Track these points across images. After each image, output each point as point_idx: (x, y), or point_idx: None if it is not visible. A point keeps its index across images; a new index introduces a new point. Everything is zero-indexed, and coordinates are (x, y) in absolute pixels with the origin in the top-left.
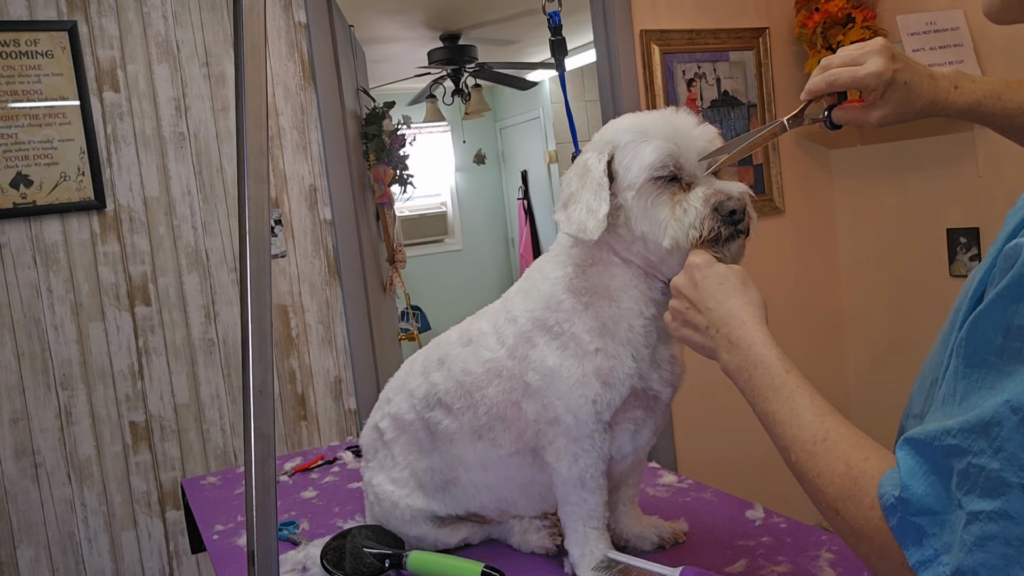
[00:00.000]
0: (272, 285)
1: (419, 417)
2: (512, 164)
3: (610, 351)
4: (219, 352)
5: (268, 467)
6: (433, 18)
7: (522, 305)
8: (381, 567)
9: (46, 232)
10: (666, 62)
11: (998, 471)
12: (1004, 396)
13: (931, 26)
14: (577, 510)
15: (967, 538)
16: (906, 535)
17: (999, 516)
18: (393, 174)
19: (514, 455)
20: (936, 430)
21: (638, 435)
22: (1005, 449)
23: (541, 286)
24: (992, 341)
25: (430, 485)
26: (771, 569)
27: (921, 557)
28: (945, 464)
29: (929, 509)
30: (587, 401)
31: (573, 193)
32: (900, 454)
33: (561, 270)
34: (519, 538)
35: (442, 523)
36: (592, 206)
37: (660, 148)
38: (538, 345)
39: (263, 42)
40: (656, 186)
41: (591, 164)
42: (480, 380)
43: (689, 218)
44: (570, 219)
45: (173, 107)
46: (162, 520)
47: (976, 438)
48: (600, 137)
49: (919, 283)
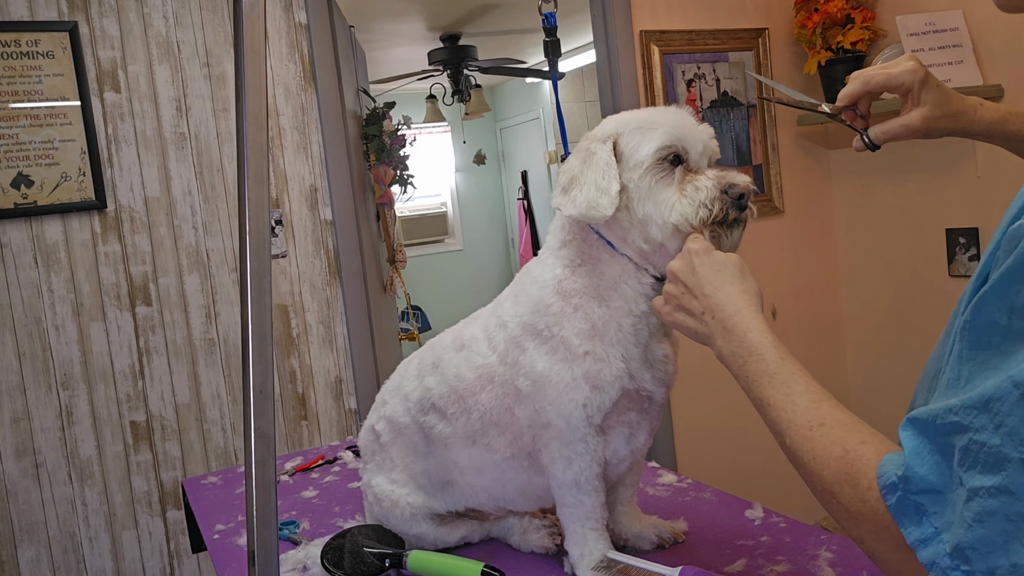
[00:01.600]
0: (273, 285)
1: (414, 421)
2: (512, 164)
3: (599, 354)
4: (220, 352)
5: (268, 467)
6: (433, 18)
7: (512, 310)
8: (381, 567)
9: (47, 232)
10: (666, 62)
11: (999, 447)
12: (1007, 373)
13: (930, 27)
14: (575, 512)
15: (967, 515)
16: (905, 514)
17: (999, 492)
18: (393, 174)
19: (509, 460)
20: (939, 409)
21: (634, 438)
22: (1006, 424)
23: (530, 290)
24: (997, 322)
25: (428, 486)
26: (770, 569)
27: (920, 535)
28: (947, 442)
29: (931, 487)
30: (577, 405)
31: (575, 176)
32: (904, 435)
33: (550, 272)
34: (519, 538)
35: (441, 521)
36: (602, 184)
37: (668, 132)
38: (528, 350)
39: (263, 42)
40: (663, 167)
41: (595, 148)
42: (473, 386)
43: (700, 196)
44: (575, 201)
45: (174, 107)
46: (163, 520)
47: (977, 414)
48: (600, 129)
49: (918, 283)
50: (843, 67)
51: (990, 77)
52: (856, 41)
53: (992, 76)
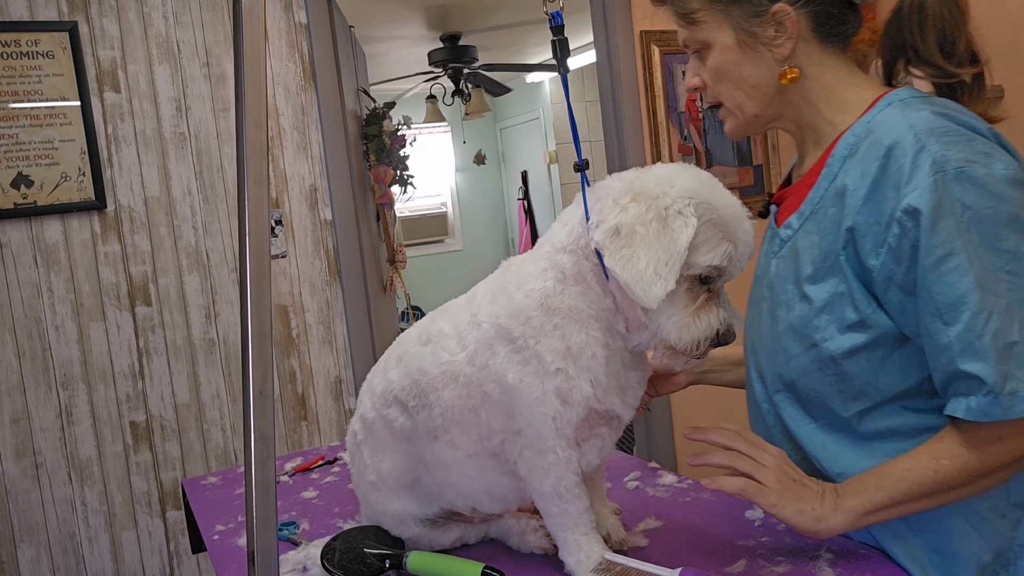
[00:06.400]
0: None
1: (379, 415)
2: (512, 164)
3: (571, 373)
4: (219, 352)
5: (268, 467)
6: (433, 19)
7: (488, 308)
8: (381, 567)
9: (47, 232)
10: (666, 63)
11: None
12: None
13: None
14: (562, 520)
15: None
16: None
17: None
18: (393, 174)
19: (473, 457)
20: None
21: (604, 448)
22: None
23: (515, 295)
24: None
25: (396, 487)
26: (770, 570)
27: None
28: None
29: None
30: (547, 418)
31: (635, 232)
32: (973, 370)
33: (540, 283)
34: (517, 539)
35: (433, 524)
36: (662, 271)
37: (727, 255)
38: (499, 355)
39: (263, 42)
40: (695, 280)
41: (676, 225)
42: (436, 382)
43: (706, 331)
44: (626, 263)
45: (174, 107)
46: (163, 520)
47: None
48: (683, 184)
49: None
50: None
51: (990, 77)
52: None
53: (992, 77)
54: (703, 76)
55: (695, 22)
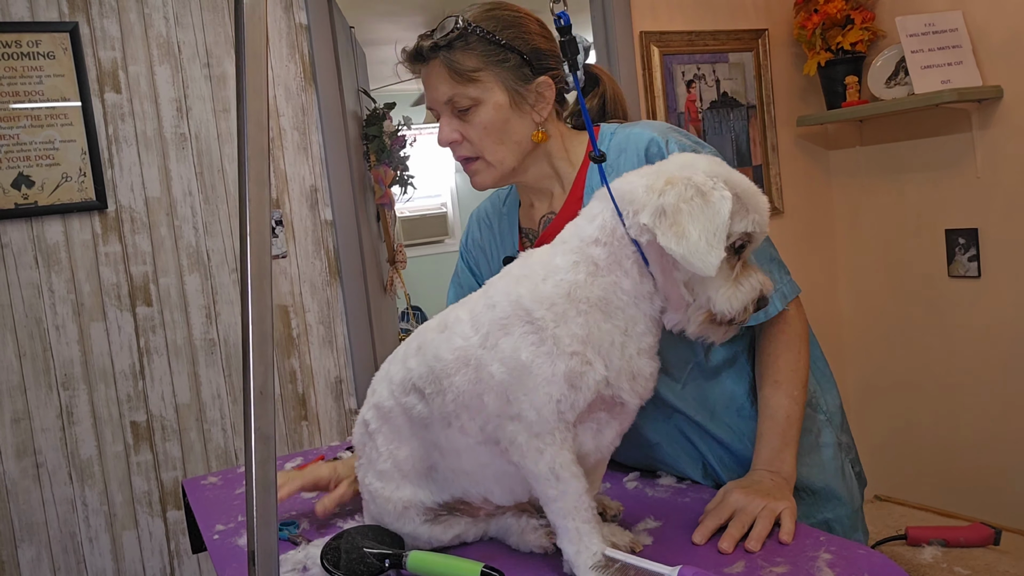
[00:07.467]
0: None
1: (397, 403)
2: None
3: (587, 357)
4: (220, 352)
5: (269, 468)
6: (433, 19)
7: (507, 290)
8: (381, 567)
9: (48, 232)
10: (666, 63)
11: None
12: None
13: (930, 27)
14: (561, 505)
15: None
16: None
17: None
18: (394, 175)
19: (482, 444)
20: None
21: (600, 434)
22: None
23: (541, 284)
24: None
25: (412, 474)
26: (770, 570)
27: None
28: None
29: None
30: (551, 400)
31: (681, 210)
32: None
33: (572, 275)
34: (517, 538)
35: (435, 519)
36: (713, 241)
37: (755, 222)
38: (513, 334)
39: (265, 43)
40: (728, 250)
41: (715, 195)
42: (449, 367)
43: (747, 296)
44: (684, 241)
45: (174, 108)
46: (163, 520)
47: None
48: (707, 167)
49: (918, 283)
50: (843, 68)
51: (989, 78)
52: (856, 42)
53: (991, 77)
54: (464, 132)
55: (473, 80)
